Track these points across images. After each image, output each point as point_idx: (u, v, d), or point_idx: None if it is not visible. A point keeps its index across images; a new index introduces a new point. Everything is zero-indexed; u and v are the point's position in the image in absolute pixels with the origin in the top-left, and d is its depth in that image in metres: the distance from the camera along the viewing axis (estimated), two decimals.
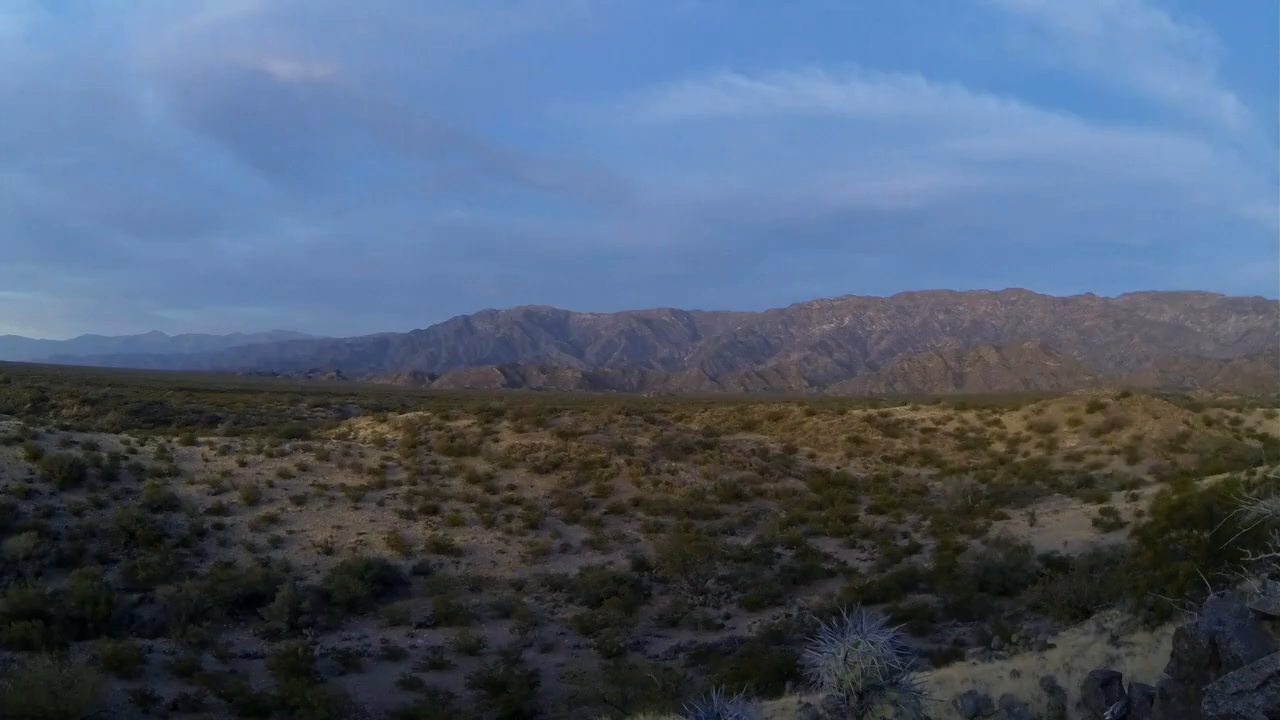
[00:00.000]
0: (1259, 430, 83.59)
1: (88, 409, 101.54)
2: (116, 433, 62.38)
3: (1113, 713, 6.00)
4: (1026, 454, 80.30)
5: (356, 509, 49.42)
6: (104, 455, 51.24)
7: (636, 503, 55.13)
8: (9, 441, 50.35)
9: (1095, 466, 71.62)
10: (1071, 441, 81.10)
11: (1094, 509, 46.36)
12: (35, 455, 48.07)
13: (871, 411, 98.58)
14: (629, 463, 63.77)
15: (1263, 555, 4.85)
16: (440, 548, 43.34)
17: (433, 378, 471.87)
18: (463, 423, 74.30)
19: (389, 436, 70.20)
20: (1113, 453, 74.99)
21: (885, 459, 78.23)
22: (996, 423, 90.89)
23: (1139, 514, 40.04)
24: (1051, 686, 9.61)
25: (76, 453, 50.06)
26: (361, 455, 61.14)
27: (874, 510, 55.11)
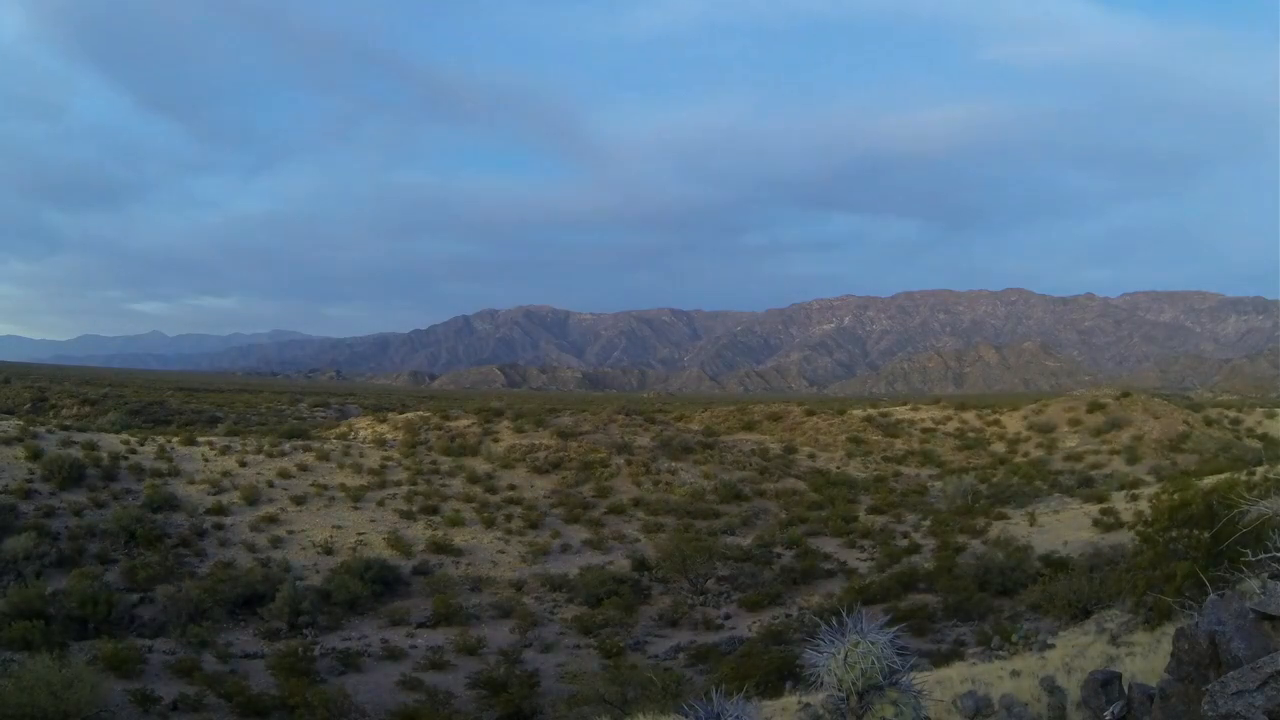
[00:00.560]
0: (1259, 430, 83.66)
1: (88, 409, 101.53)
2: (116, 433, 62.37)
3: (1113, 713, 5.99)
4: (1026, 454, 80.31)
5: (356, 509, 49.41)
6: (104, 455, 51.25)
7: (636, 503, 55.12)
8: (9, 441, 50.36)
9: (1095, 466, 71.63)
10: (1071, 441, 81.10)
11: (1094, 509, 46.34)
12: (35, 455, 48.08)
13: (871, 411, 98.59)
14: (629, 463, 63.77)
15: (1263, 555, 4.85)
16: (440, 548, 43.33)
17: (433, 378, 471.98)
18: (462, 423, 74.31)
19: (389, 436, 70.21)
20: (1113, 453, 75.00)
21: (885, 459, 78.24)
22: (996, 423, 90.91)
23: (1139, 514, 40.02)
24: (1051, 686, 9.61)
25: (76, 453, 50.06)
26: (361, 455, 61.14)
27: (874, 510, 55.09)
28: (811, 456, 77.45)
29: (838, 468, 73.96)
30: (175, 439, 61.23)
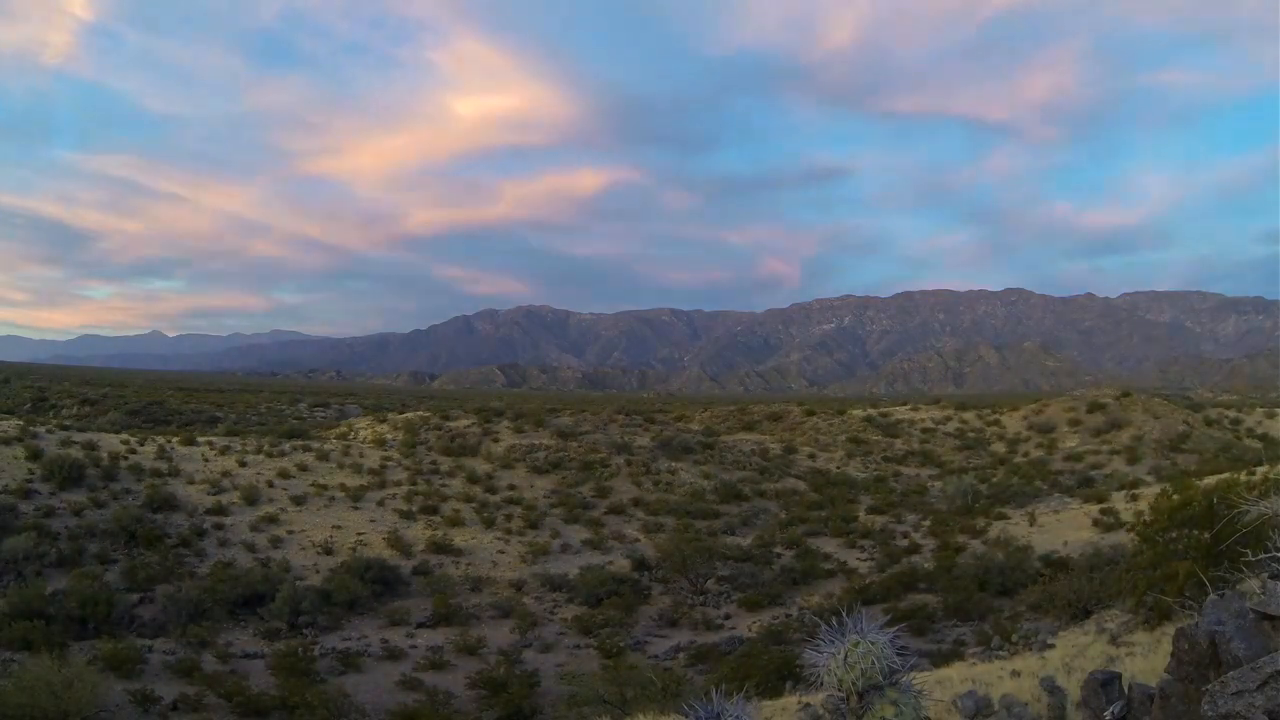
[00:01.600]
0: (1259, 430, 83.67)
1: (87, 409, 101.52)
2: (116, 433, 62.38)
3: (1113, 713, 5.99)
4: (1026, 454, 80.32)
5: (356, 509, 49.42)
6: (104, 455, 51.24)
7: (636, 503, 55.12)
8: (9, 441, 50.36)
9: (1095, 466, 71.64)
10: (1071, 442, 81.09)
11: (1094, 509, 46.34)
12: (35, 455, 48.08)
13: (871, 411, 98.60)
14: (629, 463, 63.78)
15: (1263, 555, 4.84)
16: (440, 548, 43.33)
17: (433, 378, 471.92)
18: (462, 423, 74.29)
19: (388, 437, 70.19)
20: (1113, 453, 75.01)
21: (885, 459, 78.23)
22: (996, 423, 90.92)
23: (1139, 514, 39.97)
24: (1051, 686, 9.60)
25: (76, 453, 50.05)
26: (361, 455, 61.15)
27: (874, 510, 55.09)
28: (811, 456, 77.45)
29: (838, 468, 73.96)
30: (175, 439, 61.24)
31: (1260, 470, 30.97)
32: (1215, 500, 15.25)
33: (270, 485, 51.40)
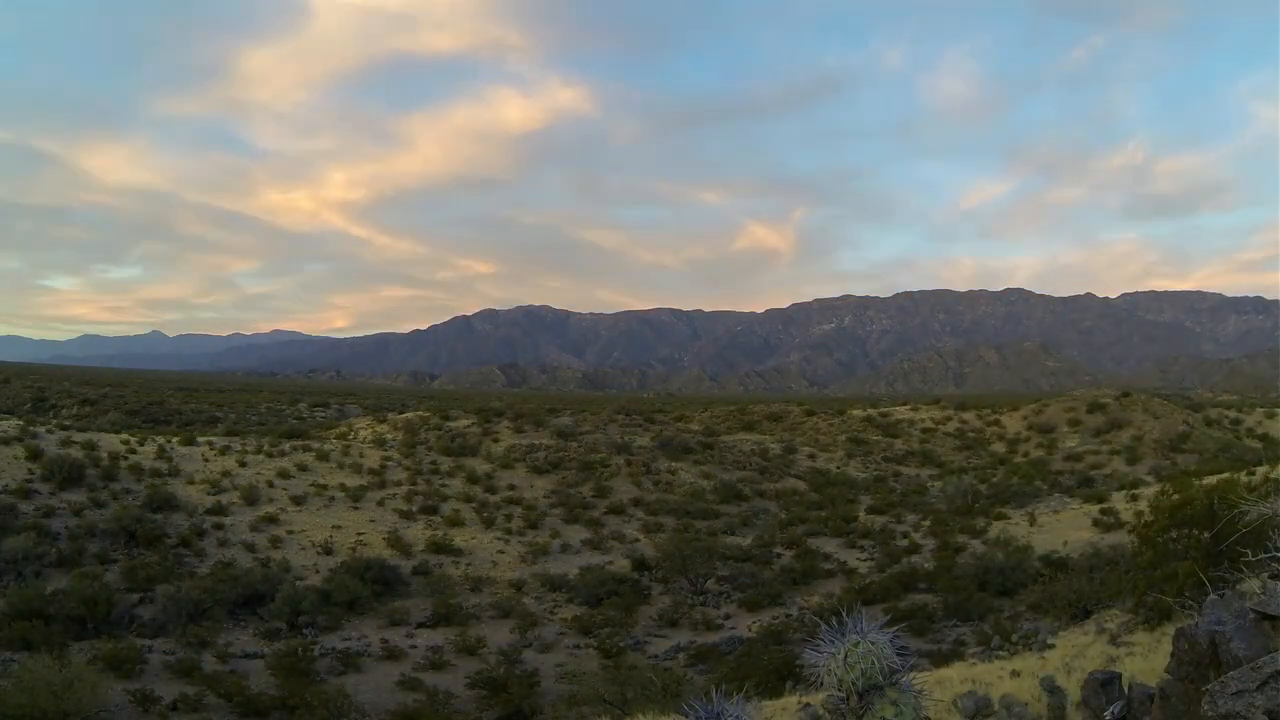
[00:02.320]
0: (1259, 430, 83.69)
1: (87, 409, 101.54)
2: (116, 433, 62.38)
3: (1113, 713, 5.99)
4: (1026, 454, 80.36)
5: (356, 509, 49.42)
6: (103, 455, 51.23)
7: (636, 503, 55.12)
8: (9, 441, 50.34)
9: (1095, 466, 71.66)
10: (1071, 442, 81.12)
11: (1094, 509, 46.36)
12: (35, 455, 48.07)
13: (871, 411, 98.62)
14: (628, 463, 63.78)
15: (1263, 555, 4.84)
16: (440, 548, 43.33)
17: (433, 378, 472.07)
18: (462, 423, 74.30)
19: (388, 437, 70.19)
20: (1113, 453, 75.05)
21: (885, 459, 78.25)
22: (996, 423, 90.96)
23: (1139, 514, 39.98)
24: (1051, 686, 9.60)
25: (76, 453, 50.04)
26: (361, 455, 61.15)
27: (874, 510, 55.09)
28: (811, 456, 77.45)
29: (838, 468, 73.96)
30: (175, 439, 61.24)
31: (1260, 470, 31.01)
32: (1215, 500, 15.26)
33: (270, 485, 51.39)
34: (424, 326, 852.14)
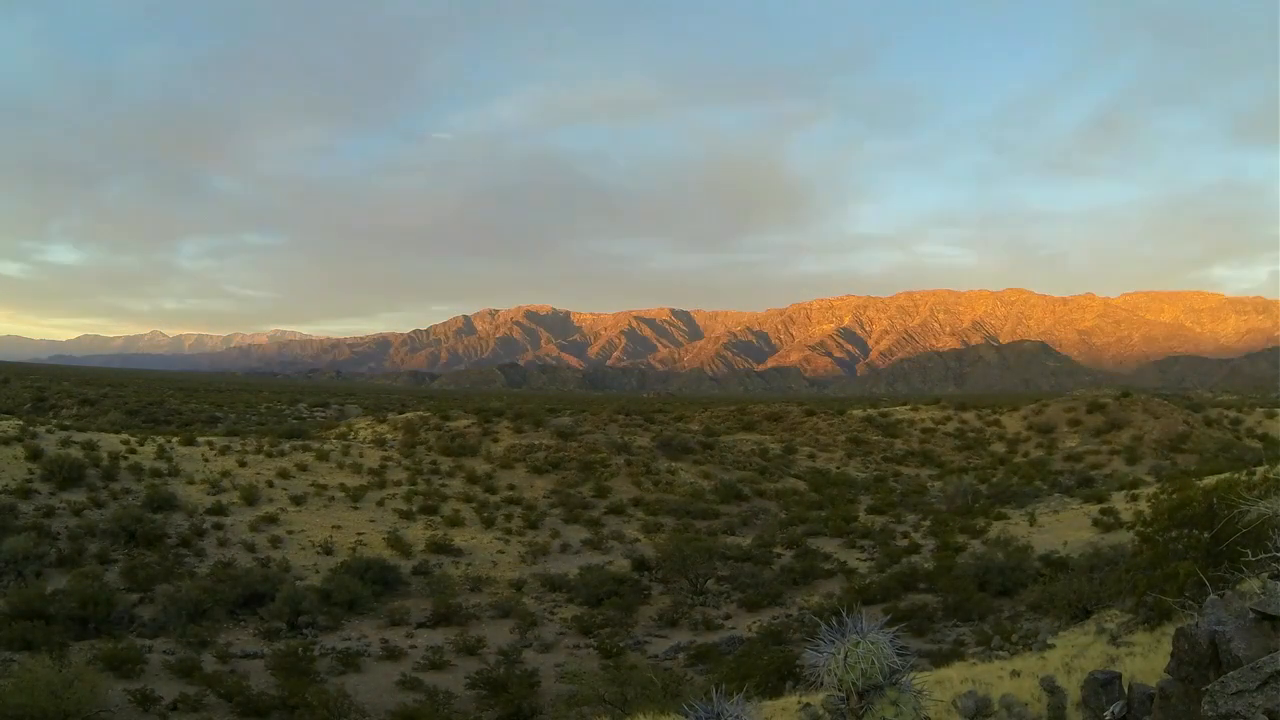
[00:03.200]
0: (1259, 430, 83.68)
1: (88, 409, 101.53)
2: (116, 433, 62.37)
3: (1113, 713, 5.99)
4: (1026, 454, 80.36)
5: (356, 509, 49.41)
6: (103, 455, 51.21)
7: (636, 503, 55.10)
8: (9, 441, 50.34)
9: (1095, 466, 71.65)
10: (1071, 442, 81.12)
11: (1094, 509, 46.36)
12: (35, 455, 48.06)
13: (871, 411, 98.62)
14: (628, 463, 63.77)
15: (1263, 555, 4.84)
16: (440, 548, 43.33)
17: (433, 378, 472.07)
18: (462, 423, 74.31)
19: (388, 437, 70.20)
20: (1113, 453, 75.05)
21: (885, 459, 78.25)
22: (996, 423, 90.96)
23: (1139, 514, 40.03)
24: (1051, 686, 9.60)
25: (76, 453, 50.03)
26: (360, 455, 61.15)
27: (874, 510, 55.09)
28: (811, 456, 77.44)
29: (838, 468, 73.95)
30: (175, 439, 61.23)
31: (1260, 470, 30.99)
32: (1215, 500, 15.27)
33: (270, 485, 51.39)
34: (424, 326, 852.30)
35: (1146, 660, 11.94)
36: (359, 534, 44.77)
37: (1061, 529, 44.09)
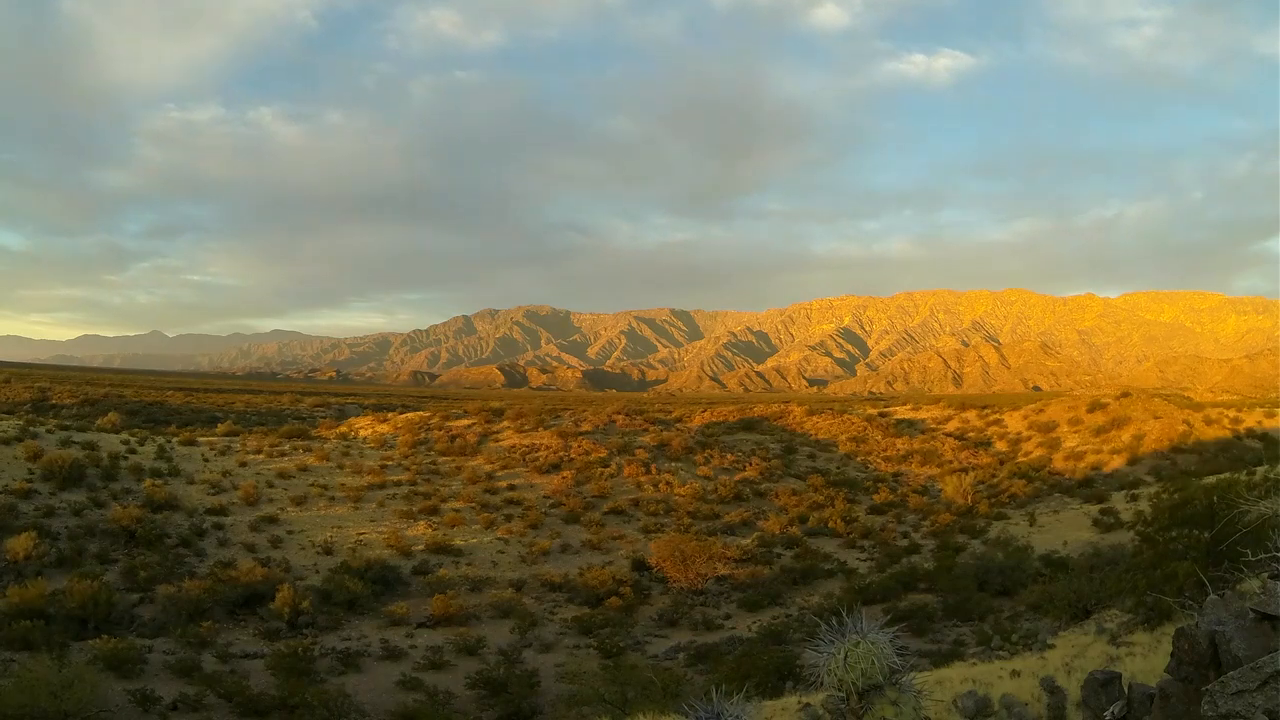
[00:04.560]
0: (1259, 430, 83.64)
1: (88, 409, 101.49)
2: (116, 432, 62.36)
3: (1113, 713, 5.99)
4: (1027, 454, 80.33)
5: (356, 509, 49.40)
6: (104, 455, 51.20)
7: (636, 503, 55.09)
8: (9, 441, 50.32)
9: (1095, 466, 71.63)
10: (1072, 441, 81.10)
11: (1094, 509, 46.38)
12: (35, 455, 48.01)
13: (871, 412, 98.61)
14: (629, 463, 63.76)
15: (1263, 555, 4.84)
16: (440, 548, 43.32)
17: (433, 378, 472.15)
18: (463, 423, 74.31)
19: (389, 437, 70.20)
20: (1113, 453, 74.99)
21: (885, 459, 78.22)
22: (997, 422, 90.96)
23: (1139, 514, 40.07)
24: (1051, 686, 9.60)
25: (76, 452, 49.99)
26: (362, 455, 61.16)
27: (874, 510, 55.09)
28: (811, 456, 77.42)
29: (838, 468, 73.93)
30: (175, 439, 61.25)
31: (1260, 470, 31.01)
32: (1215, 500, 15.28)
33: (270, 485, 51.37)
34: (424, 326, 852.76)
35: (1146, 660, 11.94)
36: (359, 534, 44.76)
37: (1061, 529, 44.11)
